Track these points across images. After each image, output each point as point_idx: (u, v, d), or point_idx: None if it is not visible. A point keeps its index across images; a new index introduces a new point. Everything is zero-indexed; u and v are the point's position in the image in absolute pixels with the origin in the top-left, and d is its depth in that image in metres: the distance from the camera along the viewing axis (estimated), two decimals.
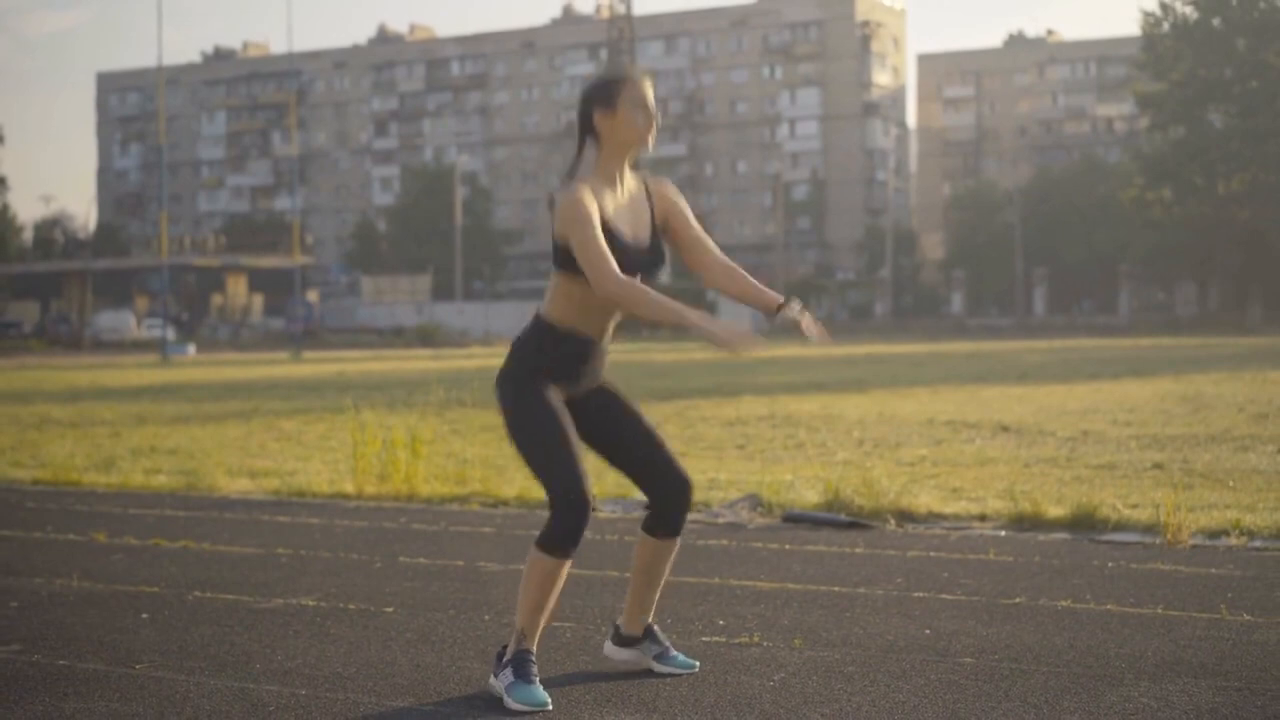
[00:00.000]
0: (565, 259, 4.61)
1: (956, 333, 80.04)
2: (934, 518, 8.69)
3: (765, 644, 5.36)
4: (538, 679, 4.60)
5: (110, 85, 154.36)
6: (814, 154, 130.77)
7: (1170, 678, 4.76)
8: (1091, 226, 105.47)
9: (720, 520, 8.85)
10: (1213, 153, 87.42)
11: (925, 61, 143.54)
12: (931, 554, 7.39)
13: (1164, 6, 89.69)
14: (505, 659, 4.66)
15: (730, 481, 10.55)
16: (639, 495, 9.39)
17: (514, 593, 6.38)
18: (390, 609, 6.13)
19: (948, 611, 5.90)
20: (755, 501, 9.32)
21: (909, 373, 29.37)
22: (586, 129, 4.70)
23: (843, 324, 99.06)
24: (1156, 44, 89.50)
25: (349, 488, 10.42)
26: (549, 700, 4.54)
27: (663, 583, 5.01)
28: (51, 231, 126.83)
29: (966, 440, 13.73)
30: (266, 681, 4.89)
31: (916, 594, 6.30)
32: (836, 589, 6.46)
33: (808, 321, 4.76)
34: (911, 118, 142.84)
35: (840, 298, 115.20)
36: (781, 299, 4.82)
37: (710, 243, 4.97)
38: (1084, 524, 8.21)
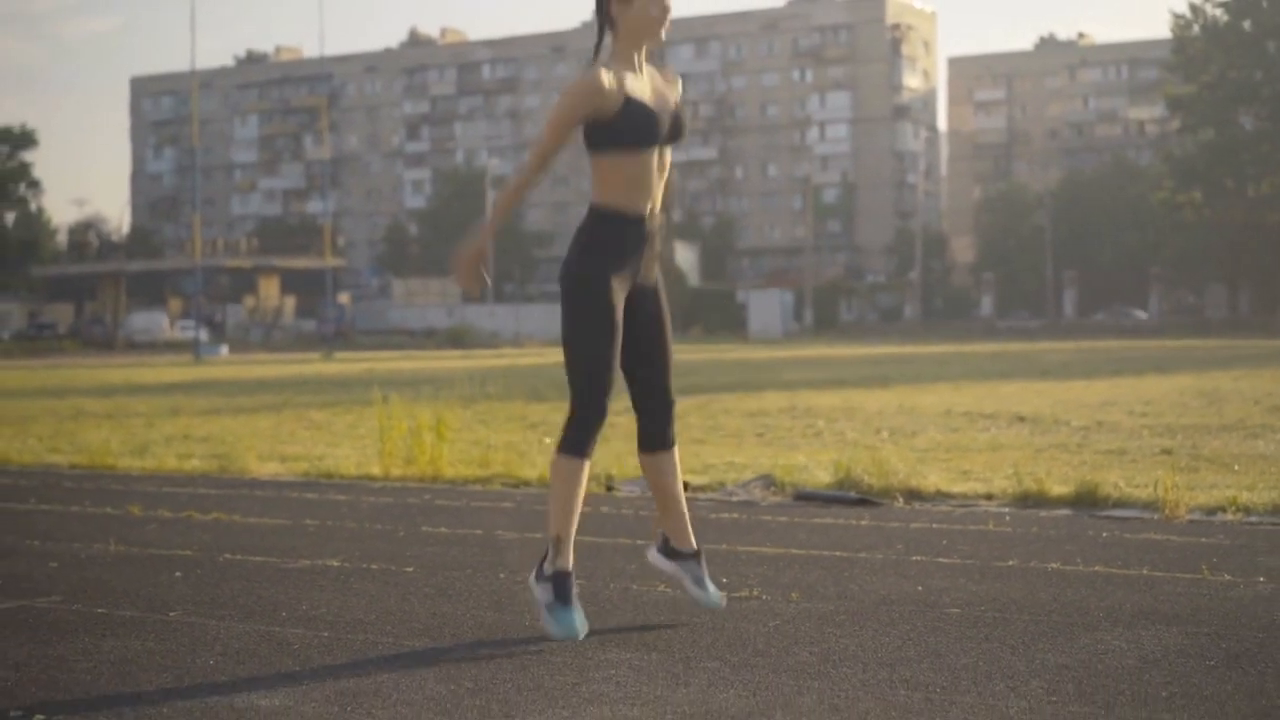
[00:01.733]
0: (594, 139, 4.94)
1: (986, 335, 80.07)
2: (941, 496, 8.94)
3: (764, 597, 5.65)
4: (576, 601, 4.92)
5: (144, 89, 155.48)
6: (844, 157, 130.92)
7: (1144, 625, 5.03)
8: (1122, 229, 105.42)
9: (734, 499, 9.13)
10: (1243, 155, 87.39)
11: (956, 64, 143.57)
12: (934, 526, 7.66)
13: (1194, 9, 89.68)
14: (546, 573, 4.95)
15: (746, 465, 10.82)
16: None
17: (529, 556, 6.68)
18: (410, 569, 6.44)
19: (942, 572, 6.18)
20: (769, 481, 9.59)
21: (933, 370, 29.59)
22: (603, 18, 5.02)
23: (872, 326, 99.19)
24: (1187, 46, 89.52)
25: (375, 470, 10.73)
26: (581, 630, 4.87)
27: (683, 494, 5.27)
28: (86, 234, 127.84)
29: (981, 429, 13.97)
30: (292, 626, 5.20)
31: (914, 558, 6.58)
32: (838, 554, 6.74)
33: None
34: (942, 121, 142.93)
35: (870, 300, 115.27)
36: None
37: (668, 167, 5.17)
38: (1086, 501, 8.44)
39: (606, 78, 4.88)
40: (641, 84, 4.98)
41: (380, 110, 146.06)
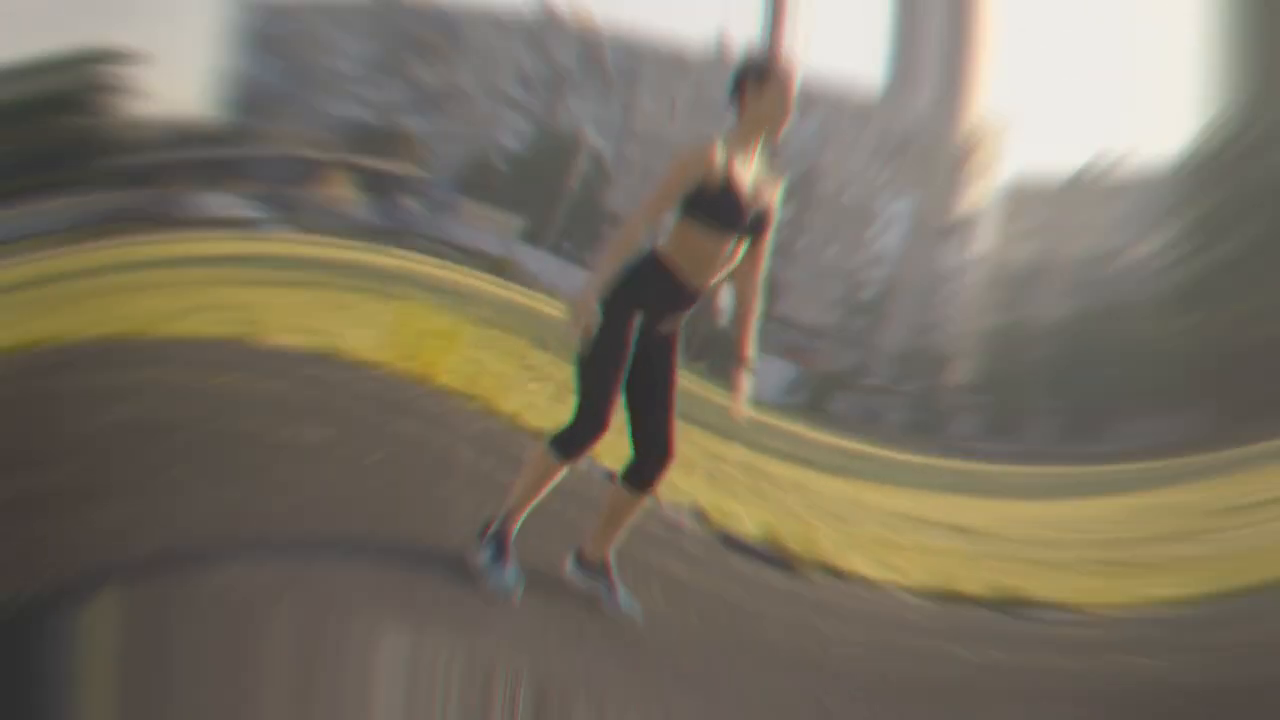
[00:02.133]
0: (684, 203, 4.90)
1: (961, 453, 78.88)
2: (859, 579, 8.68)
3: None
4: (513, 561, 4.94)
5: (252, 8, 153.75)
6: (892, 260, 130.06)
7: (1045, 702, 4.99)
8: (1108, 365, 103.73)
9: (661, 515, 8.79)
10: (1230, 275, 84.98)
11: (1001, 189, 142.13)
12: (845, 603, 7.45)
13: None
14: (488, 534, 4.97)
15: (686, 491, 10.47)
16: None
17: (476, 479, 6.66)
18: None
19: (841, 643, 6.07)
20: (699, 515, 9.24)
21: (894, 474, 29.21)
22: (735, 99, 5.01)
23: (854, 424, 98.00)
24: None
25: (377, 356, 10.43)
26: (518, 587, 4.89)
27: (621, 531, 5.24)
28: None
29: (917, 530, 13.73)
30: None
31: (816, 622, 6.50)
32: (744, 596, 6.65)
33: (739, 398, 5.08)
34: (976, 244, 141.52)
35: (862, 398, 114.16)
36: (747, 357, 5.13)
37: (761, 263, 5.14)
38: (1006, 600, 8.07)
39: (718, 152, 4.87)
40: (745, 171, 4.93)
41: (498, 64, 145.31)
